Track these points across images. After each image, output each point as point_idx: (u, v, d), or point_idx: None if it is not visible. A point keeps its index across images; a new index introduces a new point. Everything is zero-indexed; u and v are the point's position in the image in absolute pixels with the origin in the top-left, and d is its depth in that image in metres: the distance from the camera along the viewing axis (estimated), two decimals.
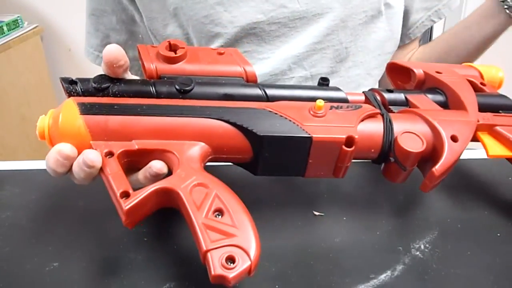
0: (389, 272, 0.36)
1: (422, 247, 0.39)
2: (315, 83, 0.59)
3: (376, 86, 0.70)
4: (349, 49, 0.61)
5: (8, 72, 1.43)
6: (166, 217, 0.41)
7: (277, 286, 0.35)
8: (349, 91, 0.44)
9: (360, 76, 0.62)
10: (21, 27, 1.50)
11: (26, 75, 1.52)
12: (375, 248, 0.39)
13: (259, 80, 0.44)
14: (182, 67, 0.41)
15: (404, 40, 0.70)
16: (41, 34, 1.59)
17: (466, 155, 0.52)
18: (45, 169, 0.50)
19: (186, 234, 0.40)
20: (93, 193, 0.45)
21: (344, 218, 0.43)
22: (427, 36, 0.97)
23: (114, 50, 0.36)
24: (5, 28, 1.43)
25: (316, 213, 0.43)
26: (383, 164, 0.41)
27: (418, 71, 0.47)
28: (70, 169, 0.36)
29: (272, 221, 0.42)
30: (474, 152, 0.52)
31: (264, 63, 0.59)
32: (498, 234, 0.41)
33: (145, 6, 0.60)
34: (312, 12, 0.57)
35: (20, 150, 1.51)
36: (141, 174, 0.36)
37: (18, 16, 1.49)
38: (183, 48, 0.41)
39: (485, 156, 0.43)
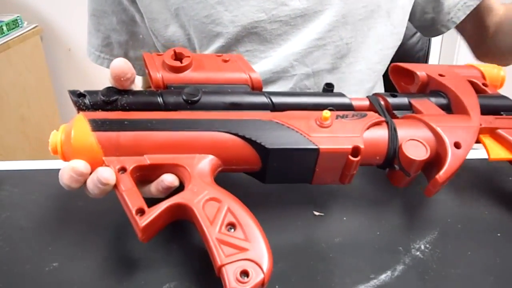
0: (389, 272, 0.36)
1: (422, 247, 0.39)
2: (317, 80, 0.58)
3: (380, 81, 0.69)
4: (350, 44, 0.60)
5: (8, 72, 1.43)
6: None
7: (277, 286, 0.35)
8: (351, 86, 0.44)
9: (362, 72, 0.62)
10: (21, 27, 1.50)
11: (26, 75, 1.52)
12: (375, 248, 0.39)
13: (262, 78, 0.43)
14: (188, 75, 0.41)
15: (449, 26, 0.67)
16: (41, 34, 1.59)
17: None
18: (45, 169, 0.50)
19: (186, 234, 0.40)
20: None
21: (344, 218, 0.43)
22: (425, 50, 0.94)
23: (121, 65, 0.37)
24: (4, 28, 1.43)
25: (316, 213, 0.43)
26: (387, 169, 0.42)
27: (421, 74, 0.47)
28: (84, 184, 0.36)
29: (272, 221, 0.42)
30: (474, 152, 0.52)
31: (266, 61, 0.59)
32: (498, 234, 0.41)
33: (146, 7, 0.60)
34: (313, 9, 0.57)
35: (20, 150, 1.51)
36: (153, 187, 0.37)
37: (18, 16, 1.49)
38: (189, 57, 0.41)
39: (485, 156, 0.43)
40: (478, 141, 0.42)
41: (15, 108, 1.48)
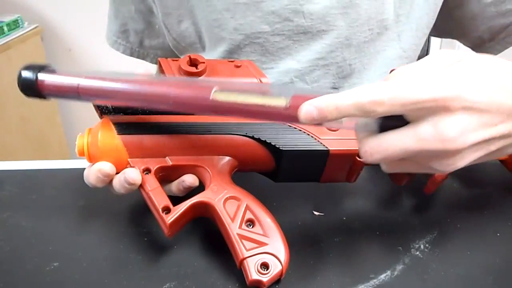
0: (389, 272, 0.37)
1: (422, 247, 0.39)
2: None
3: None
4: (353, 66, 0.60)
5: (8, 72, 1.43)
6: None
7: (277, 286, 0.35)
8: None
9: None
10: (21, 27, 1.50)
11: None
12: (375, 248, 0.39)
13: None
14: None
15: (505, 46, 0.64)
16: (41, 34, 1.59)
17: None
18: (45, 169, 0.51)
19: (186, 234, 0.40)
20: (93, 193, 0.45)
21: (344, 218, 0.43)
22: (425, 50, 0.93)
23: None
24: (5, 28, 1.43)
25: (316, 213, 0.43)
26: None
27: None
28: (108, 183, 0.39)
29: None
30: None
31: (267, 73, 0.60)
32: (498, 234, 0.41)
33: (161, 1, 0.60)
34: (316, 28, 0.57)
35: (20, 150, 1.51)
36: (174, 186, 0.39)
37: (18, 16, 1.49)
38: (203, 62, 0.44)
39: None
40: None
41: (16, 108, 1.48)
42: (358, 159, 0.40)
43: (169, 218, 0.35)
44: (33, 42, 1.54)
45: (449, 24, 0.65)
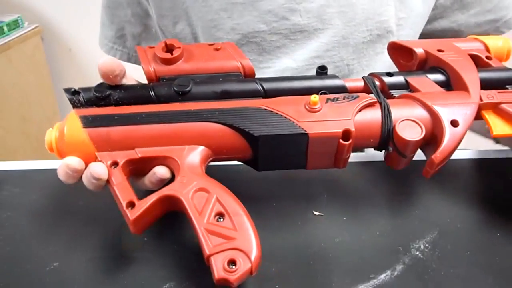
0: (389, 272, 0.37)
1: (422, 247, 0.39)
2: None
3: None
4: (352, 66, 0.60)
5: (8, 72, 1.43)
6: (166, 217, 0.41)
7: (277, 286, 0.35)
8: None
9: None
10: (22, 27, 1.50)
11: (27, 75, 1.52)
12: (375, 248, 0.39)
13: None
14: (180, 67, 0.41)
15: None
16: (42, 34, 1.59)
17: (466, 154, 0.52)
18: (45, 169, 0.51)
19: (186, 234, 0.40)
20: (93, 193, 0.45)
21: (344, 218, 0.43)
22: None
23: (108, 62, 0.38)
24: (5, 28, 1.43)
25: (316, 213, 0.43)
26: (384, 152, 0.41)
27: (419, 51, 0.45)
28: (80, 179, 0.37)
29: (272, 221, 0.42)
30: (474, 152, 0.52)
31: (264, 72, 0.60)
32: (498, 234, 0.41)
33: (156, 3, 0.60)
34: (313, 27, 0.57)
35: (20, 150, 1.51)
36: (146, 180, 0.38)
37: (18, 16, 1.49)
38: (179, 48, 0.41)
39: (485, 156, 0.43)
40: (480, 118, 0.40)
41: (16, 108, 1.48)
42: (342, 141, 0.37)
43: (133, 214, 0.34)
44: (33, 42, 1.54)
45: (432, 33, 0.66)
